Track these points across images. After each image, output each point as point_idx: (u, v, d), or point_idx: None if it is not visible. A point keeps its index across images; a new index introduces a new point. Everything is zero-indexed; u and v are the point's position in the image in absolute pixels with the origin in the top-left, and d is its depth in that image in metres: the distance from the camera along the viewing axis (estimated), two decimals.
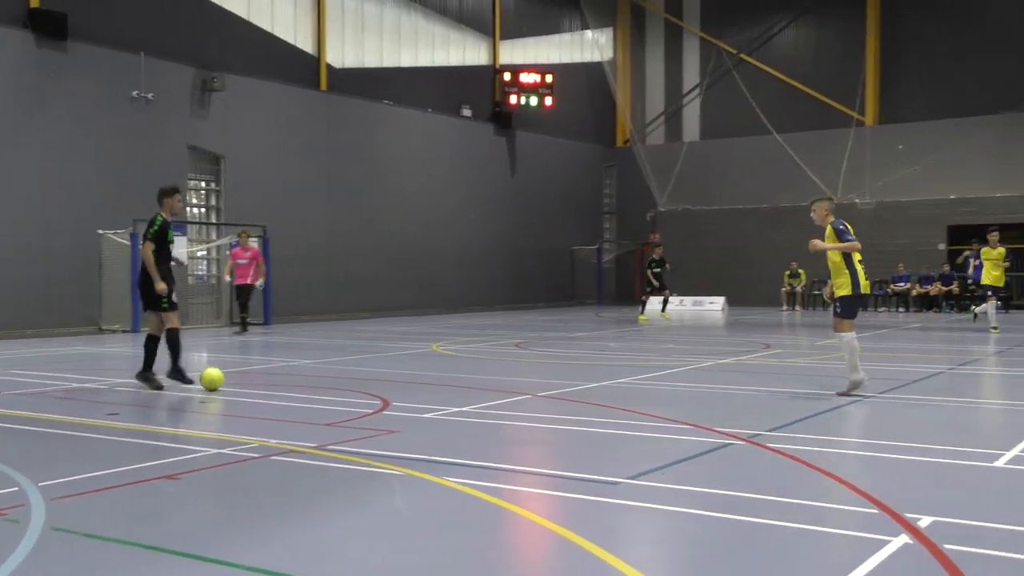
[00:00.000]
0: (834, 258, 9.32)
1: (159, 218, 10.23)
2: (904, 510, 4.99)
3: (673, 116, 35.31)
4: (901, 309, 28.03)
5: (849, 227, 9.32)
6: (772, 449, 6.73)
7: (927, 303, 27.45)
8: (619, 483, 5.75)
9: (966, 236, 29.18)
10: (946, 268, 27.41)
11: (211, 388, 9.83)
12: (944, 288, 27.12)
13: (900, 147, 30.07)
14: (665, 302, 24.82)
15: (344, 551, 4.51)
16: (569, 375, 11.71)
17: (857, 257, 9.33)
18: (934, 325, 21.59)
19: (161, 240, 10.20)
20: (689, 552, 4.55)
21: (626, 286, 36.15)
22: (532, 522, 5.04)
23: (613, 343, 17.22)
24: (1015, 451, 6.63)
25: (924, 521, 4.79)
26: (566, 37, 33.77)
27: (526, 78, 30.53)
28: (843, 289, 9.24)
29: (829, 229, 9.35)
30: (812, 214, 9.66)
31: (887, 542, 4.46)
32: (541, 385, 10.52)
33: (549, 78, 30.86)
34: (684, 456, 6.56)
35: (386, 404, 9.01)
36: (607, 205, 36.36)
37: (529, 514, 5.16)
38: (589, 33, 34.56)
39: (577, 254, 34.35)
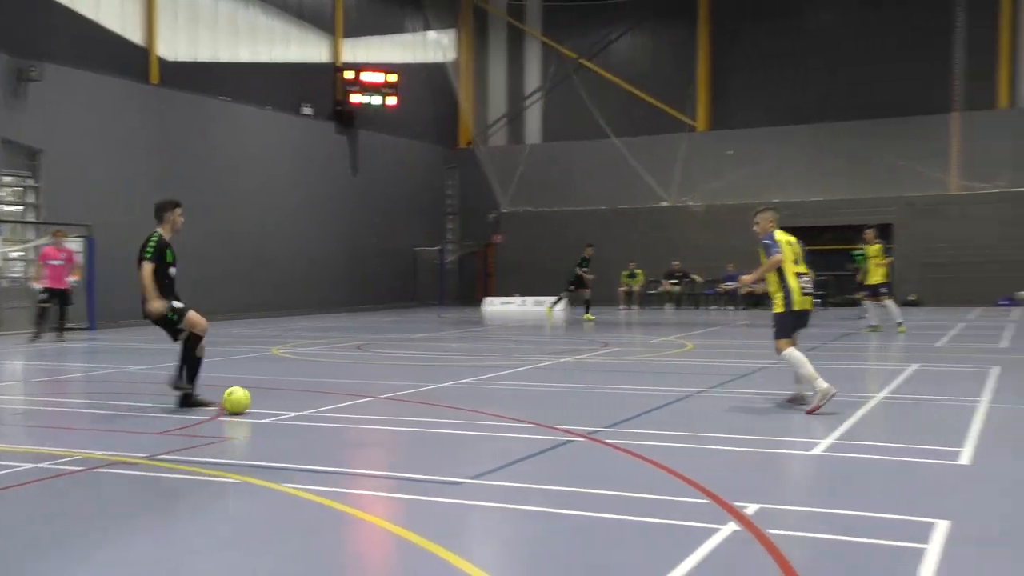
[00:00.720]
0: (768, 275, 8.65)
1: (156, 235, 8.86)
2: (732, 499, 5.22)
3: (515, 118, 35.77)
4: (731, 307, 29.39)
5: (782, 239, 8.56)
6: (610, 445, 6.91)
7: (754, 301, 28.89)
8: (462, 483, 5.77)
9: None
10: None
11: (236, 411, 8.49)
12: None
13: (729, 152, 31.54)
14: (588, 304, 23.62)
15: (178, 566, 4.32)
16: (412, 376, 11.66)
17: (795, 270, 8.52)
18: (760, 322, 22.73)
19: (160, 260, 8.78)
20: (531, 549, 4.61)
21: (468, 287, 36.34)
22: (375, 526, 4.98)
23: (456, 344, 17.28)
24: (830, 439, 7.06)
25: (751, 508, 5.03)
26: (408, 37, 33.62)
27: (368, 77, 30.19)
28: (777, 307, 8.59)
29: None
30: (755, 227, 8.82)
31: (717, 530, 4.66)
32: (384, 387, 10.43)
33: (392, 78, 30.63)
34: (526, 454, 6.65)
35: (221, 410, 8.70)
36: (450, 206, 36.44)
37: (372, 518, 5.10)
38: (432, 34, 34.54)
39: (420, 255, 34.27)
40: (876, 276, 17.80)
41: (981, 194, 28.49)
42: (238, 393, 8.52)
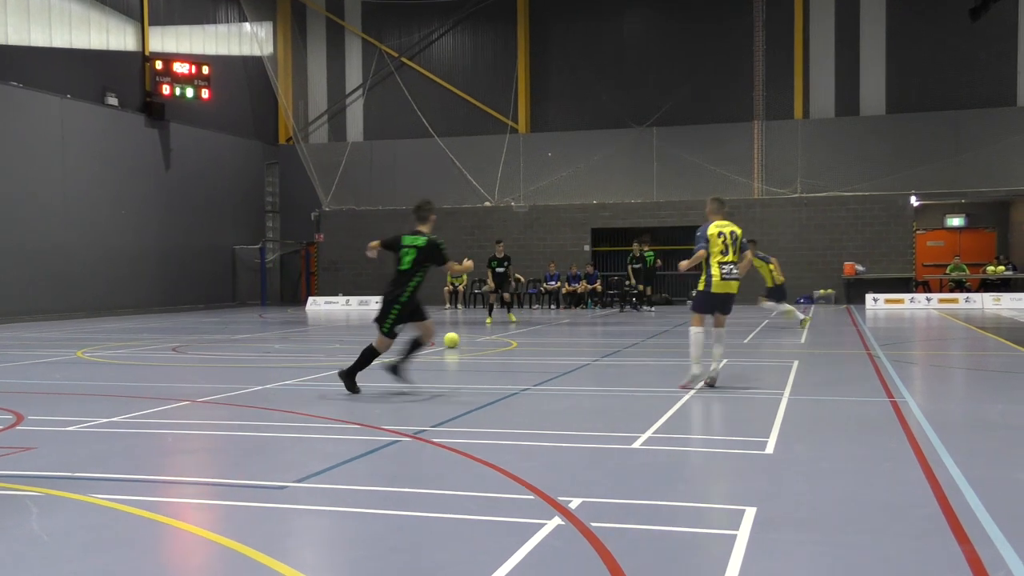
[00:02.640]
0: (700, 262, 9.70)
1: (433, 235, 9.83)
2: (557, 494, 5.34)
3: (337, 115, 35.21)
4: (553, 306, 30.05)
5: (712, 232, 9.56)
6: (437, 444, 6.92)
7: (574, 300, 29.68)
8: (286, 487, 5.63)
9: (607, 238, 31.97)
10: (590, 268, 29.79)
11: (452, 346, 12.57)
12: (589, 286, 29.47)
13: (549, 154, 32.26)
14: (508, 304, 23.29)
15: None
16: (232, 379, 11.27)
17: (720, 259, 9.57)
18: (580, 320, 23.39)
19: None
20: (356, 552, 4.55)
21: (291, 287, 35.53)
22: (194, 535, 4.78)
23: (278, 344, 16.84)
24: (649, 433, 7.35)
25: (574, 503, 5.16)
26: (223, 28, 32.44)
27: (180, 68, 28.89)
28: (700, 286, 9.70)
29: None
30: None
31: (542, 525, 4.75)
32: (202, 390, 10.04)
33: (205, 69, 29.45)
34: (351, 456, 6.56)
35: (20, 418, 8.12)
36: (270, 203, 35.43)
37: (191, 527, 4.89)
38: (247, 26, 33.47)
39: (239, 254, 33.16)
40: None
41: (780, 198, 30.43)
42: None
